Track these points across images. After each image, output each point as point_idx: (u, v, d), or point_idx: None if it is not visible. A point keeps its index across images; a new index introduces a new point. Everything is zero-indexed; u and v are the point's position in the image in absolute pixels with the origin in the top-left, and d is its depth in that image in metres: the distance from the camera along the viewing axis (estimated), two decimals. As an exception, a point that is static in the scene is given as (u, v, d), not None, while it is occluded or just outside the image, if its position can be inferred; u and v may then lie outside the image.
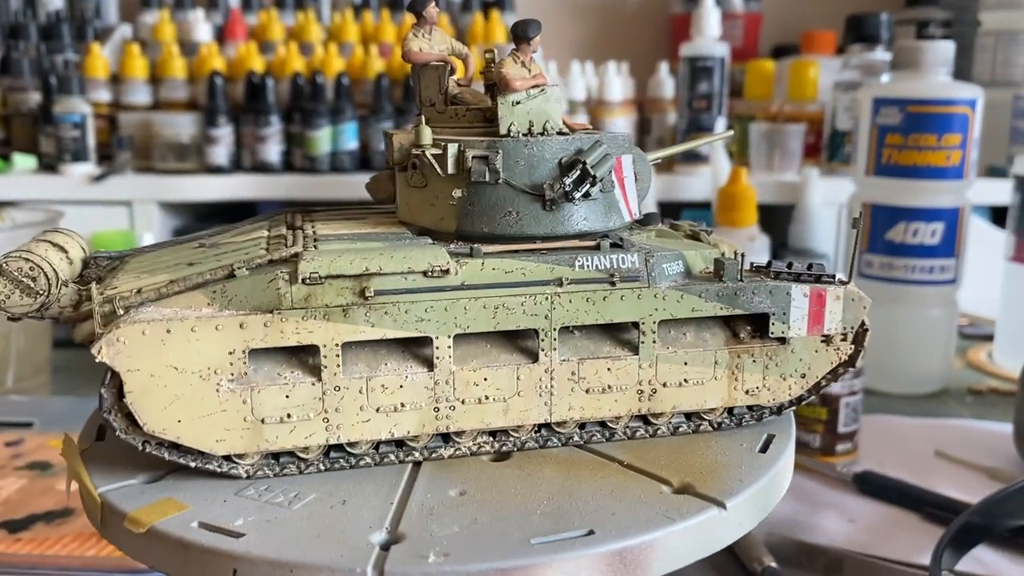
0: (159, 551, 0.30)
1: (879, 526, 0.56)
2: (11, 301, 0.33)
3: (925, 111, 0.79)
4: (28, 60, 1.37)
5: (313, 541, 0.29)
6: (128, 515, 0.31)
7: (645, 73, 1.40)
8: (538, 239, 0.36)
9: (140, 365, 0.31)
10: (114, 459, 0.35)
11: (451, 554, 0.29)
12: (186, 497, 0.32)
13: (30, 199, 1.16)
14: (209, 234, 0.41)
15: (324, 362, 0.32)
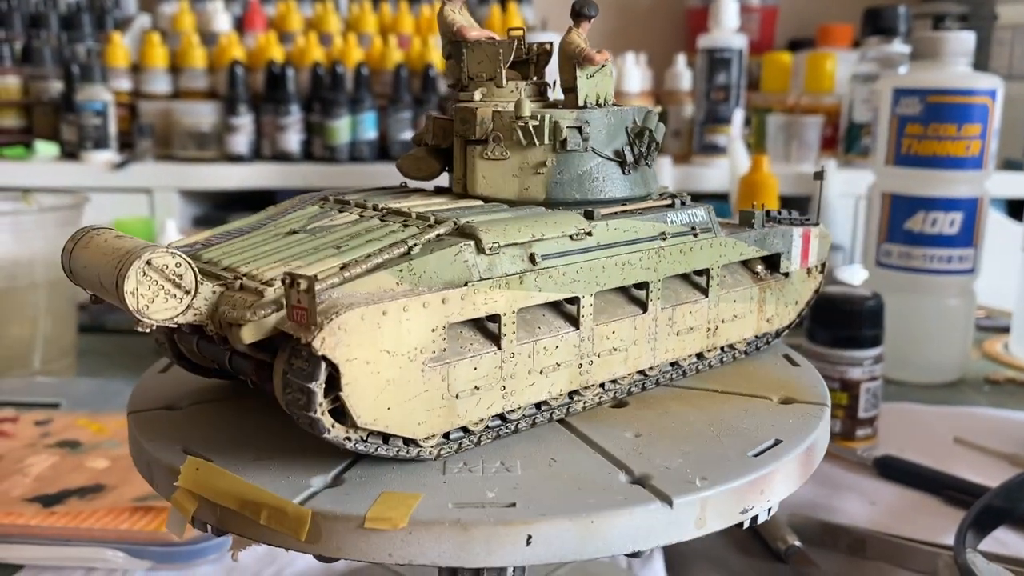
0: (428, 542, 0.28)
1: (900, 508, 0.57)
2: (154, 306, 0.28)
3: (945, 101, 0.79)
4: (50, 49, 1.38)
5: (581, 492, 0.29)
6: (367, 516, 0.28)
7: (662, 65, 1.41)
8: (619, 202, 0.38)
9: (358, 353, 0.28)
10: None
11: (708, 477, 0.30)
12: (383, 489, 0.30)
13: (52, 186, 1.17)
14: (263, 221, 0.38)
15: (504, 330, 0.32)
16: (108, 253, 0.29)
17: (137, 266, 0.27)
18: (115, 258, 0.28)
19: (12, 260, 0.80)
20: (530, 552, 0.28)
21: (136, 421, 0.36)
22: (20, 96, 1.38)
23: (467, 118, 0.37)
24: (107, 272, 0.28)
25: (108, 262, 0.28)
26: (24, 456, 0.61)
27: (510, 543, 0.28)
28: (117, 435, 0.66)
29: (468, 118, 0.37)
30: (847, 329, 0.65)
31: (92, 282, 0.30)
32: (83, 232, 0.31)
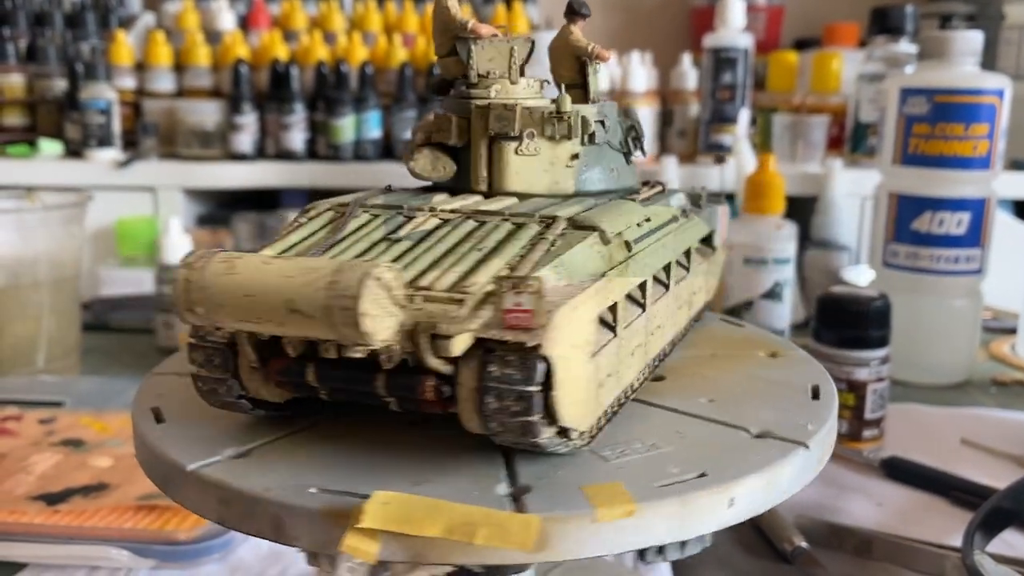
0: (655, 522, 0.28)
1: (907, 510, 0.56)
2: (379, 326, 0.26)
3: (952, 101, 0.79)
4: (54, 47, 1.38)
5: (732, 453, 0.31)
6: (597, 511, 0.27)
7: (668, 64, 1.41)
8: (630, 191, 0.40)
9: (562, 351, 0.27)
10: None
11: (810, 424, 0.34)
12: (564, 486, 0.29)
13: (56, 184, 1.17)
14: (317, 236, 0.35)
15: (618, 317, 0.33)
16: (299, 274, 0.26)
17: (370, 284, 0.25)
18: (320, 278, 0.26)
19: (16, 258, 0.79)
20: (732, 514, 0.29)
21: (224, 469, 0.30)
22: (24, 94, 1.38)
23: (505, 115, 0.37)
24: (311, 295, 0.26)
25: (307, 284, 0.26)
26: (28, 454, 0.61)
27: (717, 509, 0.29)
28: (120, 434, 0.65)
29: (506, 115, 0.37)
30: (854, 329, 0.65)
31: (266, 310, 0.26)
32: (213, 258, 0.27)
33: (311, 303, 0.26)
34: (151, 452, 0.32)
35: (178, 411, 0.34)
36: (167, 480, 0.31)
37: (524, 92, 0.39)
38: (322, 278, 0.26)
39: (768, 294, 0.85)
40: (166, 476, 0.31)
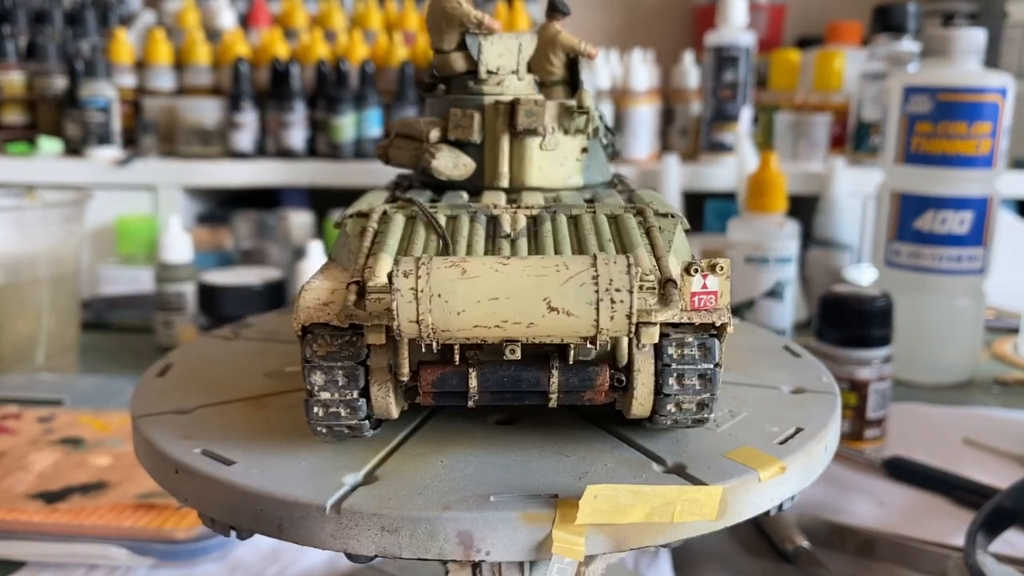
0: (796, 476, 0.31)
1: (909, 509, 0.56)
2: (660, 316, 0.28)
3: (955, 99, 0.79)
4: (54, 45, 1.38)
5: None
6: (760, 474, 0.29)
7: (669, 63, 1.40)
8: (609, 183, 0.41)
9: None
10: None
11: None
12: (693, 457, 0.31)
13: (56, 183, 1.17)
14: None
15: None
16: (549, 272, 0.26)
17: (633, 274, 0.26)
18: (580, 273, 0.26)
19: (15, 256, 0.79)
20: (826, 458, 0.33)
21: (369, 497, 0.28)
22: (24, 92, 1.37)
23: (535, 110, 0.37)
24: (575, 292, 0.26)
25: (567, 280, 0.26)
26: (27, 453, 0.61)
27: (820, 455, 0.32)
28: (120, 432, 0.65)
29: (536, 110, 0.37)
30: (856, 329, 0.64)
31: (519, 311, 0.26)
32: (432, 265, 0.26)
33: (576, 299, 0.26)
34: (262, 499, 0.28)
35: (227, 450, 0.31)
36: (302, 522, 0.27)
37: (528, 88, 0.39)
38: (582, 273, 0.26)
39: (770, 293, 0.85)
40: (299, 518, 0.27)
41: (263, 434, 0.32)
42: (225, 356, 0.42)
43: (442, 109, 0.39)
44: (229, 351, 0.43)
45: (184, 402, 0.36)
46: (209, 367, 0.40)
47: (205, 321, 0.86)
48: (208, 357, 0.42)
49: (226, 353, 0.43)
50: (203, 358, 0.42)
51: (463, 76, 0.39)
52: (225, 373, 0.39)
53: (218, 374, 0.39)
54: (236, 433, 0.32)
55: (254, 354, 0.42)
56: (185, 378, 0.39)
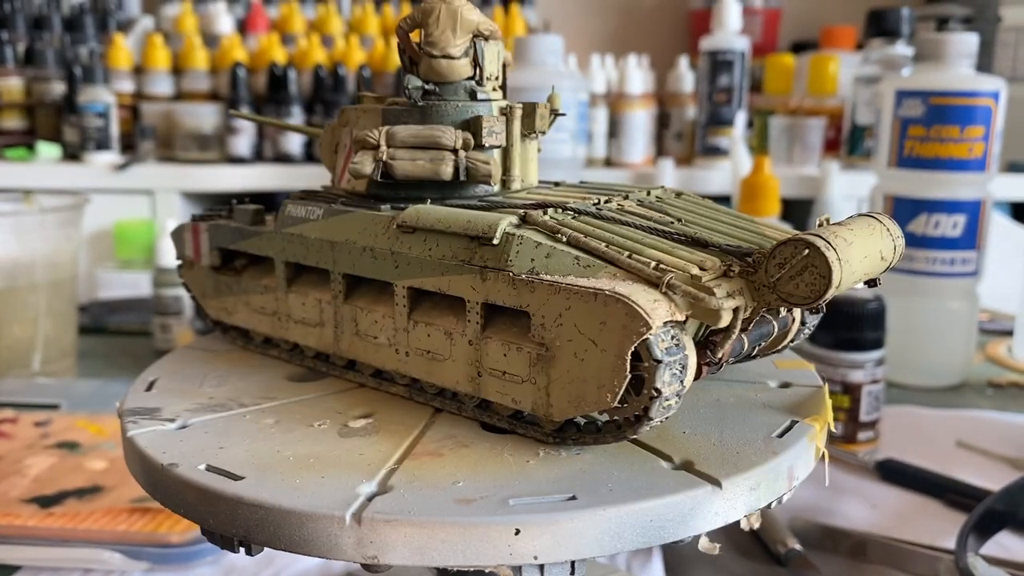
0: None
1: (902, 512, 0.56)
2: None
3: (948, 103, 0.79)
4: (52, 51, 1.38)
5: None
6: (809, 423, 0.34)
7: (664, 67, 1.41)
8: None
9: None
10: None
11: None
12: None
13: (54, 188, 1.17)
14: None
15: None
16: (879, 231, 0.30)
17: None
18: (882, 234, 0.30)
19: (13, 261, 0.80)
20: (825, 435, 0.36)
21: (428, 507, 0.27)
22: (23, 98, 1.38)
23: (545, 114, 0.38)
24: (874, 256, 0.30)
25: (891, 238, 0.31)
26: (23, 457, 0.61)
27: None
28: (115, 436, 0.66)
29: (545, 114, 0.38)
30: (849, 331, 0.65)
31: (869, 269, 0.29)
32: (829, 234, 0.28)
33: (878, 259, 0.30)
34: (281, 514, 0.27)
35: (231, 464, 0.31)
36: (323, 534, 0.27)
37: (499, 92, 0.39)
38: (888, 235, 0.31)
39: (764, 296, 0.85)
40: (320, 531, 0.27)
41: (263, 447, 0.32)
42: (216, 364, 0.42)
43: (441, 116, 0.36)
44: (220, 358, 0.43)
45: (177, 414, 0.36)
46: (201, 374, 0.40)
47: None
48: (206, 363, 0.42)
49: (217, 361, 0.43)
50: (202, 362, 0.42)
51: (462, 82, 0.37)
52: (220, 380, 0.39)
53: (210, 382, 0.39)
54: (236, 447, 0.32)
55: (247, 362, 0.42)
56: (175, 390, 0.38)
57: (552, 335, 0.29)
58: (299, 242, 0.37)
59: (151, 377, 0.39)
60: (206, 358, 0.42)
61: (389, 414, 0.35)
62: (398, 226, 0.34)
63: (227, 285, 0.42)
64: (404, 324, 0.34)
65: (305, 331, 0.39)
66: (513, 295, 0.30)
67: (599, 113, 1.29)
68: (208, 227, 0.42)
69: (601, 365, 0.28)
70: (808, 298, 0.27)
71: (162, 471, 0.30)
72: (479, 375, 0.32)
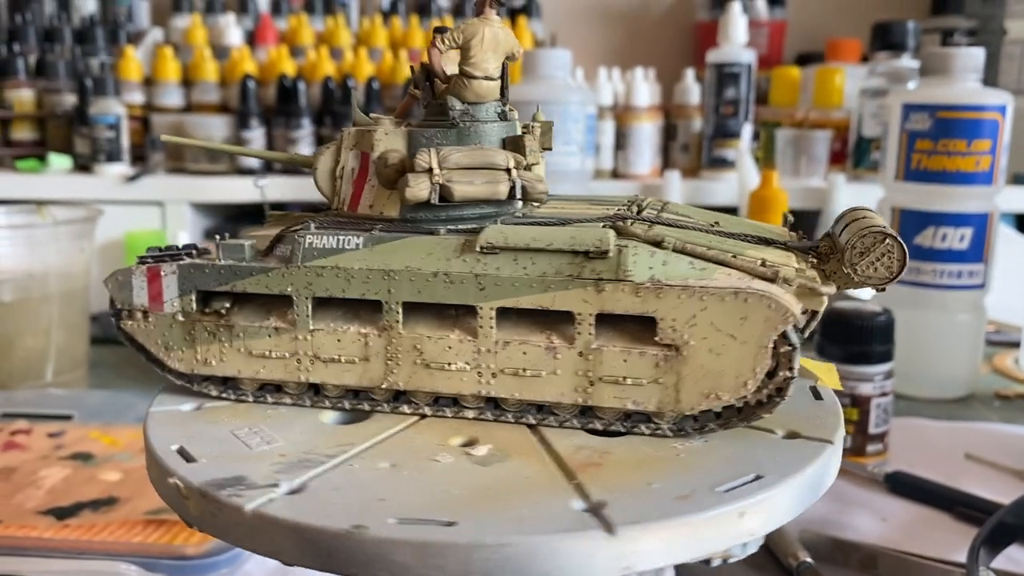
0: None
1: (911, 525, 0.57)
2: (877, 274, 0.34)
3: (955, 117, 0.80)
4: (63, 63, 1.40)
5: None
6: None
7: (671, 79, 1.42)
8: None
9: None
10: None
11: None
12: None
13: (65, 199, 1.18)
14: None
15: None
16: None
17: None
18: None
19: (26, 272, 0.80)
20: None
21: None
22: (34, 109, 1.39)
23: (551, 131, 0.39)
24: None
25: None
26: (37, 468, 0.62)
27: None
28: (129, 448, 0.66)
29: (551, 131, 0.39)
30: (858, 344, 0.65)
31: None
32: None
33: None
34: (553, 546, 0.27)
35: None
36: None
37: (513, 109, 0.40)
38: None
39: (772, 309, 0.85)
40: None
41: (424, 490, 0.30)
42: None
43: (479, 136, 0.36)
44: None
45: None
46: (226, 435, 0.37)
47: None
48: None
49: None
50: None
51: (493, 102, 0.37)
52: (261, 437, 0.36)
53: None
54: (395, 495, 0.30)
55: (259, 414, 0.39)
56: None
57: (683, 336, 0.32)
58: (334, 275, 0.35)
59: (174, 446, 0.34)
60: (203, 417, 0.37)
61: (494, 437, 0.34)
62: (481, 248, 0.33)
63: (209, 332, 0.37)
64: (490, 346, 0.34)
65: (340, 370, 0.36)
66: (637, 303, 0.32)
67: (606, 125, 1.30)
68: (178, 268, 0.37)
69: (740, 357, 0.31)
70: (885, 279, 0.33)
71: (348, 537, 0.27)
72: (591, 384, 0.33)
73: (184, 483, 0.31)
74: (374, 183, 0.36)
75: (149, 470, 0.34)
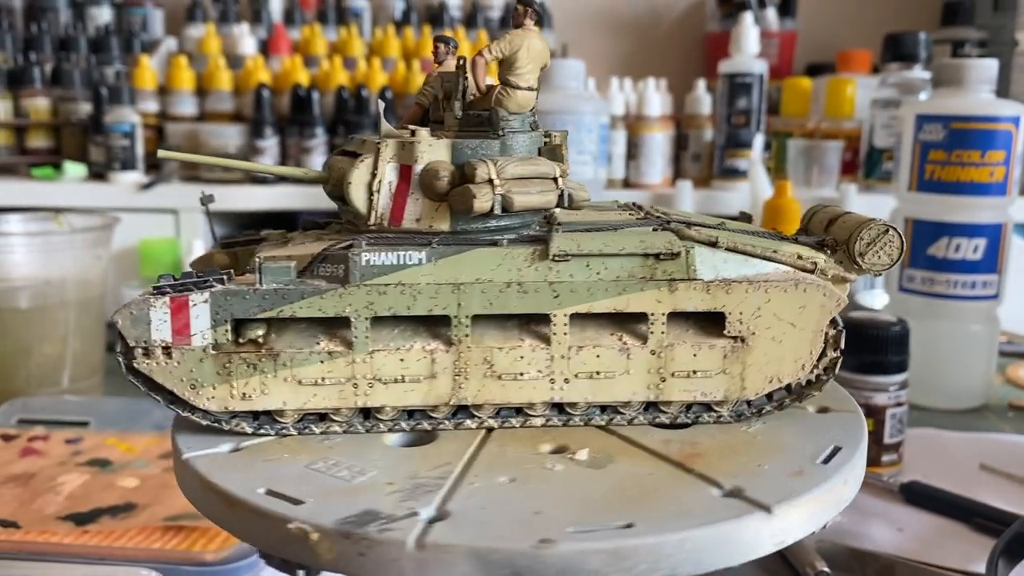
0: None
1: (928, 535, 0.57)
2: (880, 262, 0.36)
3: (968, 127, 0.80)
4: (79, 71, 1.41)
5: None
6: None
7: (682, 89, 1.42)
8: None
9: None
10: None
11: None
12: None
13: (80, 206, 1.19)
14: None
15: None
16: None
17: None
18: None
19: (44, 280, 0.81)
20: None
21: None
22: (50, 117, 1.40)
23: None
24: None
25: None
26: (56, 474, 0.62)
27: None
28: (145, 454, 0.67)
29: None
30: (872, 355, 0.65)
31: None
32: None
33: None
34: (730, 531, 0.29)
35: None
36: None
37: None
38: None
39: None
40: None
41: (572, 499, 0.31)
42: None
43: (520, 147, 0.36)
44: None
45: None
46: (305, 474, 0.35)
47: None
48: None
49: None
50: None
51: (527, 114, 0.38)
52: (349, 470, 0.34)
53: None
54: (550, 508, 0.30)
55: (317, 447, 0.37)
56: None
57: (749, 327, 0.35)
58: (399, 292, 0.34)
59: (259, 489, 0.31)
60: (257, 457, 0.34)
61: (579, 441, 0.35)
62: (554, 256, 0.34)
63: (249, 364, 0.34)
64: (564, 352, 0.34)
65: (403, 390, 0.35)
66: (707, 299, 0.34)
67: (618, 135, 1.30)
68: (210, 296, 0.34)
69: (799, 342, 0.35)
70: (888, 265, 0.36)
71: (536, 552, 0.27)
72: (662, 380, 0.35)
73: (313, 526, 0.28)
74: (418, 196, 0.35)
75: (234, 520, 0.31)
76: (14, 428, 0.71)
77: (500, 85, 0.37)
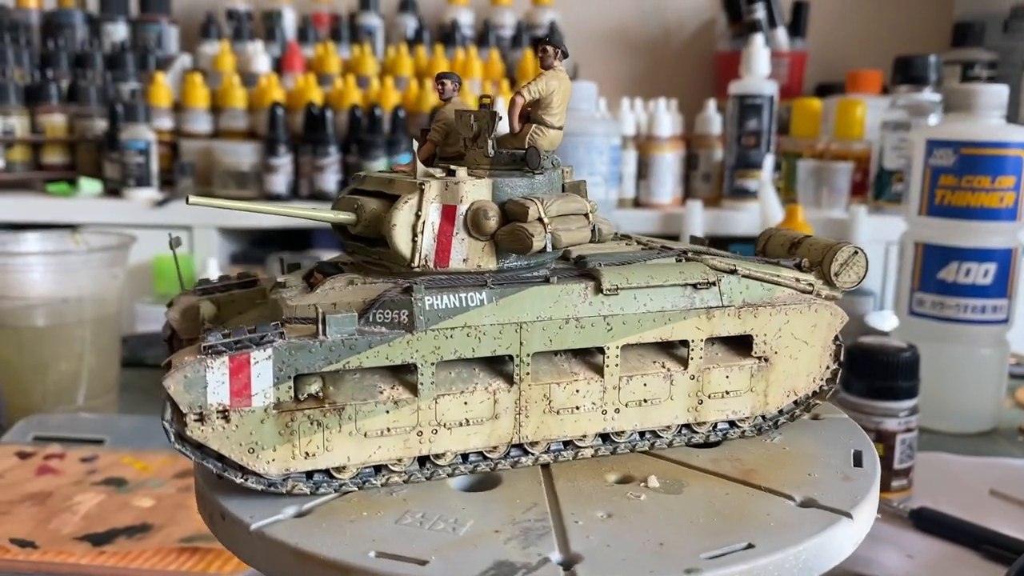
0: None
1: (938, 562, 0.57)
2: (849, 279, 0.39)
3: (979, 153, 0.80)
4: (95, 88, 1.42)
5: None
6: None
7: (692, 110, 1.43)
8: None
9: None
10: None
11: None
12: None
13: (95, 222, 1.20)
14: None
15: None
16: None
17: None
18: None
19: (61, 298, 0.82)
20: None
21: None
22: (66, 134, 1.42)
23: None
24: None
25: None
26: (72, 493, 0.63)
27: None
28: (160, 474, 0.67)
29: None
30: (883, 380, 0.65)
31: None
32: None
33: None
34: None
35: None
36: None
37: None
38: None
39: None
40: None
41: (677, 533, 0.31)
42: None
43: (552, 184, 0.37)
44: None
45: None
46: (398, 535, 0.32)
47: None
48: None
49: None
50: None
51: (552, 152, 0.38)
52: (446, 525, 0.32)
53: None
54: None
55: (386, 503, 0.34)
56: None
57: (772, 347, 0.38)
58: (464, 334, 0.33)
59: (371, 553, 0.29)
60: (335, 518, 0.32)
61: (639, 469, 0.36)
62: (606, 291, 0.35)
63: (312, 421, 0.32)
64: (615, 383, 0.35)
65: (466, 434, 0.34)
66: (738, 324, 0.37)
67: (628, 155, 1.31)
68: (273, 352, 0.31)
69: (811, 357, 0.38)
70: (856, 282, 0.39)
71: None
72: (700, 403, 0.37)
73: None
74: (463, 236, 0.35)
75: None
76: (30, 445, 0.72)
77: (535, 124, 0.37)
